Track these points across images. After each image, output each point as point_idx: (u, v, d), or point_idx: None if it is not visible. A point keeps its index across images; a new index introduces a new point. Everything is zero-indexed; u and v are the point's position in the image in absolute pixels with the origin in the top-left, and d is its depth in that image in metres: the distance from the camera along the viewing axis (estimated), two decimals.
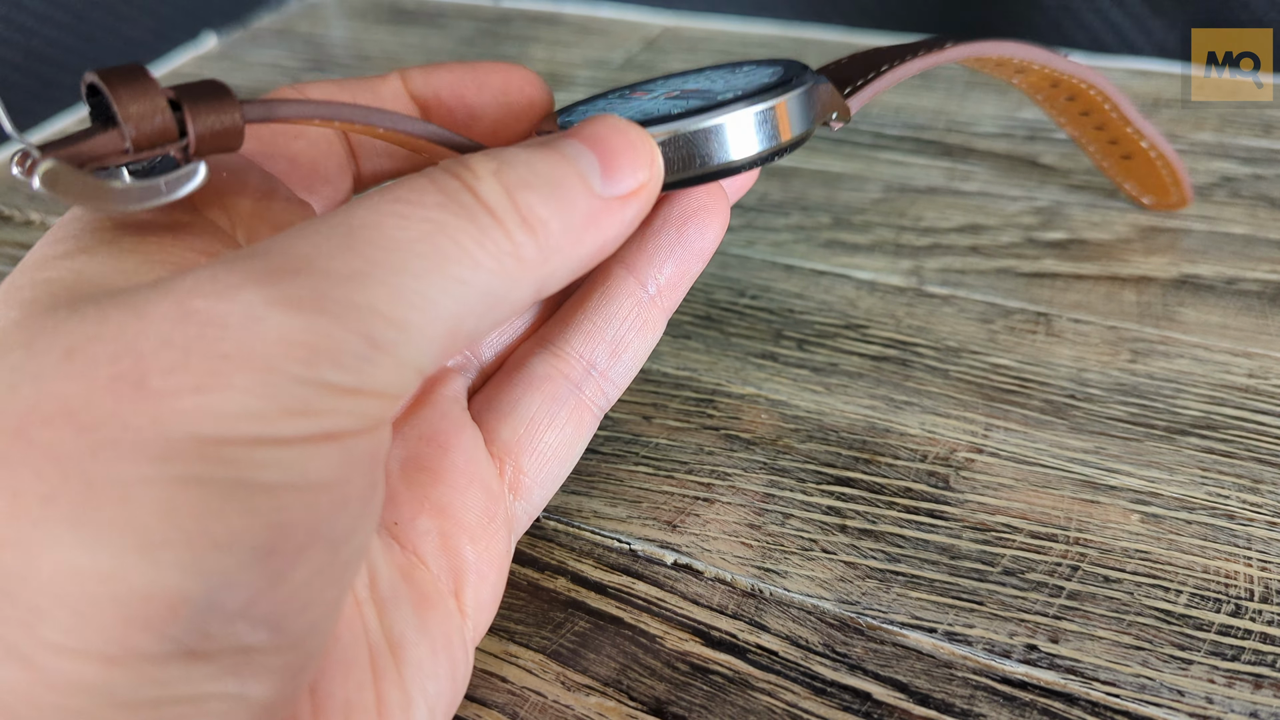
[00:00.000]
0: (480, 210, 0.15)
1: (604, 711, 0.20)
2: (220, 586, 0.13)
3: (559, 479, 0.21)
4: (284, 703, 0.14)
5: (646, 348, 0.22)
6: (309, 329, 0.13)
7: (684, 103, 0.20)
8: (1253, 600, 0.21)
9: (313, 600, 0.14)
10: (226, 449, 0.13)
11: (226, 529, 0.13)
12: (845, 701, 0.19)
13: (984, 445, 0.25)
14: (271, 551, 0.13)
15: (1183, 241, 0.31)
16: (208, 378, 0.13)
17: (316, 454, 0.13)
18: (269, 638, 0.13)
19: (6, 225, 0.37)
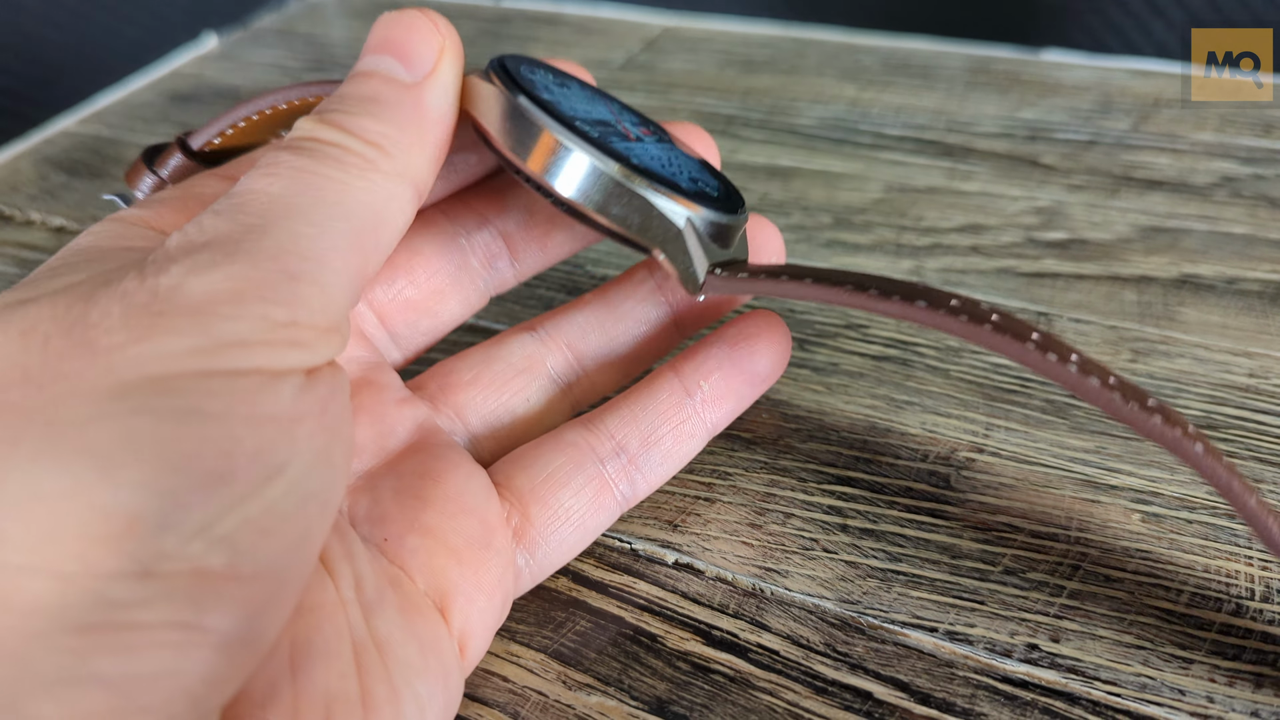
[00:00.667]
0: (327, 149, 0.17)
1: (605, 711, 0.20)
2: (175, 506, 0.13)
3: (571, 547, 0.21)
4: (245, 647, 0.14)
5: (681, 452, 0.22)
6: (230, 276, 0.15)
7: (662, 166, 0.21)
8: (1254, 599, 0.21)
9: (272, 530, 0.14)
10: (176, 382, 0.14)
11: (180, 452, 0.14)
12: (846, 701, 0.19)
13: (985, 445, 0.25)
14: (223, 476, 0.14)
15: (1183, 241, 0.31)
16: (148, 331, 0.14)
17: (264, 386, 0.15)
18: (227, 561, 0.14)
19: (7, 225, 0.37)
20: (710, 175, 0.22)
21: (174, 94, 0.46)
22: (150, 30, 0.50)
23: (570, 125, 0.19)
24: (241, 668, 0.14)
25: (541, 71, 0.22)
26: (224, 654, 0.14)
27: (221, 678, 0.14)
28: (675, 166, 0.21)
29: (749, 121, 0.40)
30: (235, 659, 0.14)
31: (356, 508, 0.20)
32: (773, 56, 0.45)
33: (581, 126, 0.20)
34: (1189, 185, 0.34)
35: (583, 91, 0.22)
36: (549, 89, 0.21)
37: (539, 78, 0.21)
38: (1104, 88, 0.40)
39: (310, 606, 0.17)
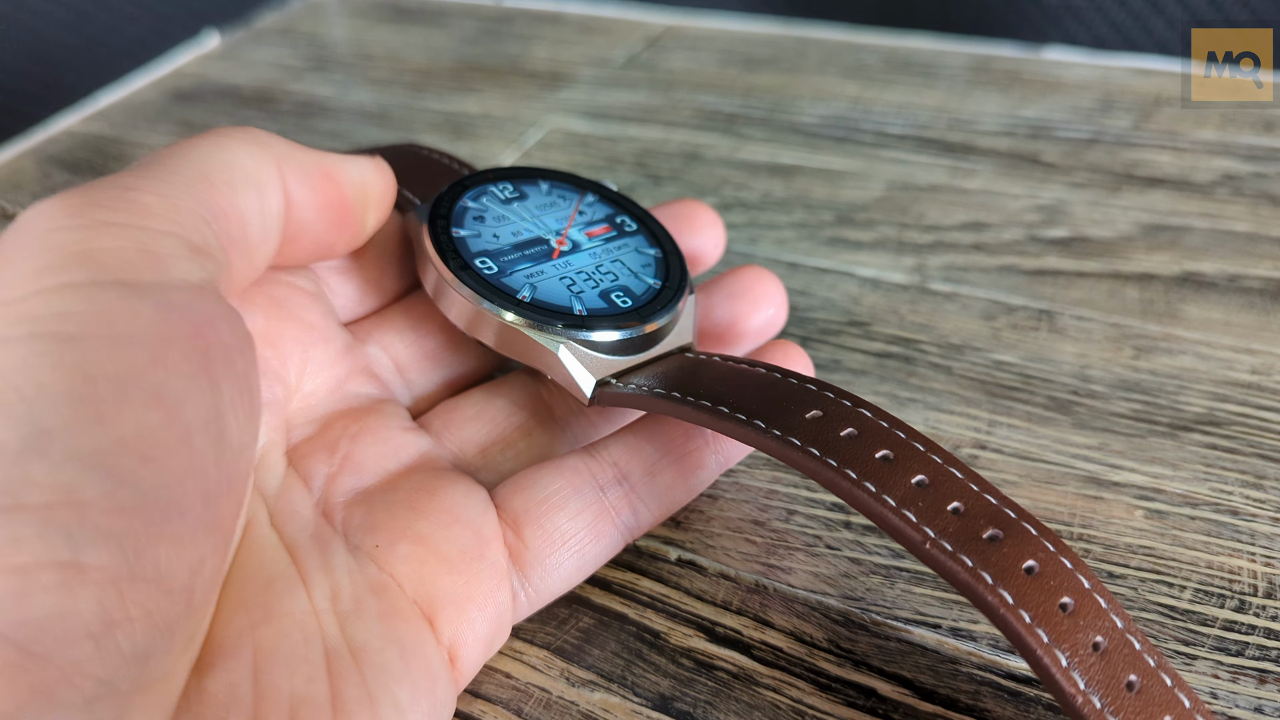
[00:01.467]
0: (201, 135, 0.19)
1: (608, 707, 0.20)
2: (35, 433, 0.13)
3: (569, 575, 0.21)
4: (138, 583, 0.13)
5: (689, 484, 0.22)
6: (68, 198, 0.16)
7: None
8: (1257, 596, 0.21)
9: (154, 457, 0.14)
10: (23, 304, 0.14)
11: (30, 380, 0.13)
12: (850, 697, 0.19)
13: (988, 441, 0.25)
14: (83, 398, 0.13)
15: (1185, 239, 0.31)
16: (2, 261, 0.15)
17: (118, 303, 0.14)
18: (104, 491, 0.13)
19: (8, 223, 0.37)
20: (652, 276, 0.24)
21: (176, 92, 0.46)
22: (152, 28, 0.50)
23: (464, 266, 0.22)
24: (142, 606, 0.13)
25: (499, 187, 0.25)
26: (114, 591, 0.13)
27: (120, 617, 0.13)
28: (593, 279, 0.23)
29: (751, 120, 0.40)
30: (132, 596, 0.13)
31: (351, 518, 0.20)
32: (774, 55, 0.45)
33: (482, 264, 0.22)
34: (1190, 183, 0.34)
35: (545, 198, 0.25)
36: (483, 215, 0.24)
37: (481, 202, 0.24)
38: (1105, 86, 0.40)
39: (278, 614, 0.17)
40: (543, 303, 0.22)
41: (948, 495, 0.17)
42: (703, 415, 0.19)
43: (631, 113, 0.41)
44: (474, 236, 0.23)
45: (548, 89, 0.44)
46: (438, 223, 0.23)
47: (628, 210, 0.25)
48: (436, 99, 0.44)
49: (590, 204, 0.25)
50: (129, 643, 0.13)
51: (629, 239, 0.24)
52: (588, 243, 0.24)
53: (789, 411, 0.19)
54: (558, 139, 0.39)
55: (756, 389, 0.20)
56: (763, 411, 0.19)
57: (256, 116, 0.43)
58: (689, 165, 0.37)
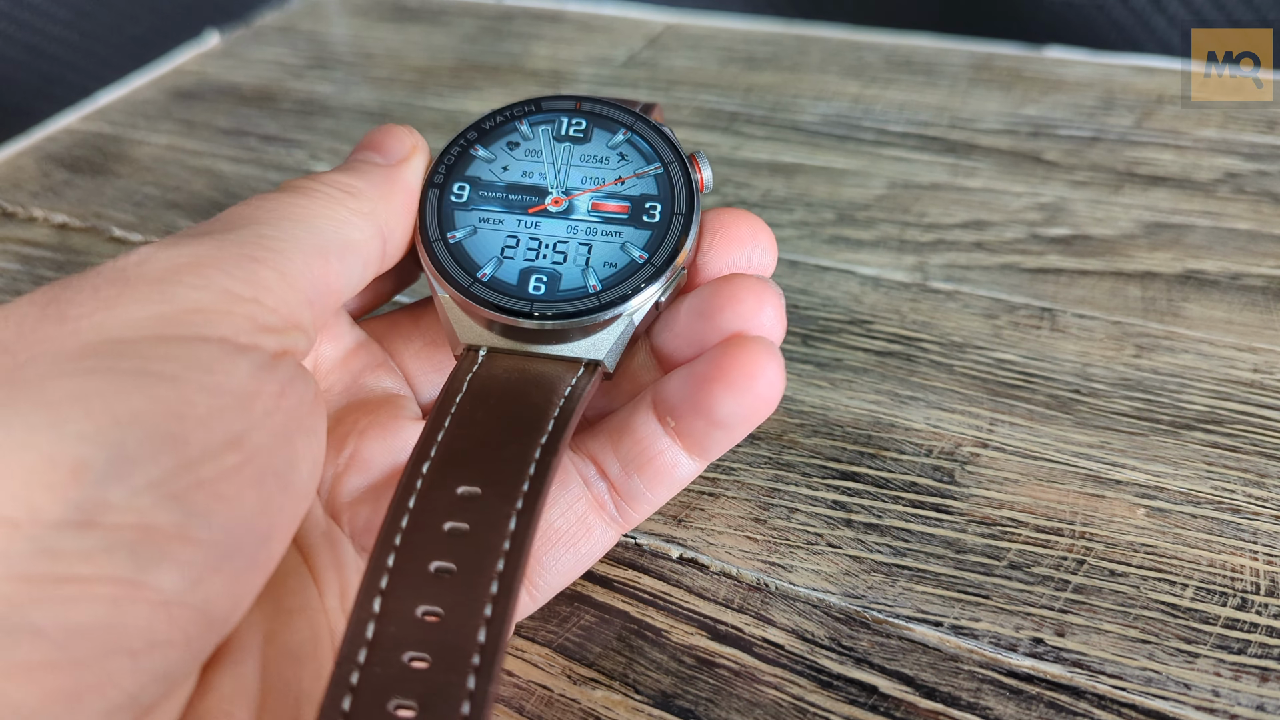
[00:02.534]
0: (301, 186, 0.20)
1: (610, 705, 0.20)
2: (121, 458, 0.14)
3: (567, 570, 0.20)
4: (189, 610, 0.14)
5: (665, 481, 0.20)
6: (194, 252, 0.16)
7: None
8: (1259, 594, 0.21)
9: (227, 497, 0.15)
10: (133, 345, 0.15)
11: (128, 408, 0.14)
12: (851, 695, 0.19)
13: (989, 440, 0.25)
14: (174, 436, 0.14)
15: (1187, 237, 0.31)
16: (114, 300, 0.15)
17: (220, 356, 0.15)
18: (176, 521, 0.14)
19: (10, 222, 0.37)
20: (601, 279, 0.21)
21: (176, 91, 0.46)
22: (153, 27, 0.50)
23: (437, 184, 0.22)
24: (185, 631, 0.14)
25: (572, 120, 0.23)
26: (165, 614, 0.14)
27: (163, 639, 0.14)
28: (540, 253, 0.22)
29: (751, 118, 0.40)
30: (178, 621, 0.14)
31: (356, 519, 0.20)
32: (775, 53, 0.45)
33: (459, 189, 0.22)
34: (1192, 181, 0.34)
35: (604, 149, 0.23)
36: (518, 142, 0.23)
37: (532, 130, 0.23)
38: (1107, 84, 0.40)
39: (290, 609, 0.17)
40: (462, 253, 0.22)
41: None
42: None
43: None
44: (486, 161, 0.23)
45: (549, 87, 0.44)
46: (469, 134, 0.23)
47: (674, 201, 0.22)
48: (437, 98, 0.44)
49: (645, 177, 0.22)
50: (164, 664, 0.14)
51: (630, 229, 0.22)
52: (583, 213, 0.22)
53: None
54: None
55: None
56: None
57: (256, 115, 0.43)
58: None
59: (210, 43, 0.50)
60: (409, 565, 0.16)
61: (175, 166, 0.40)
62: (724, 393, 0.19)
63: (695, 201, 0.22)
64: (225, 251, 0.17)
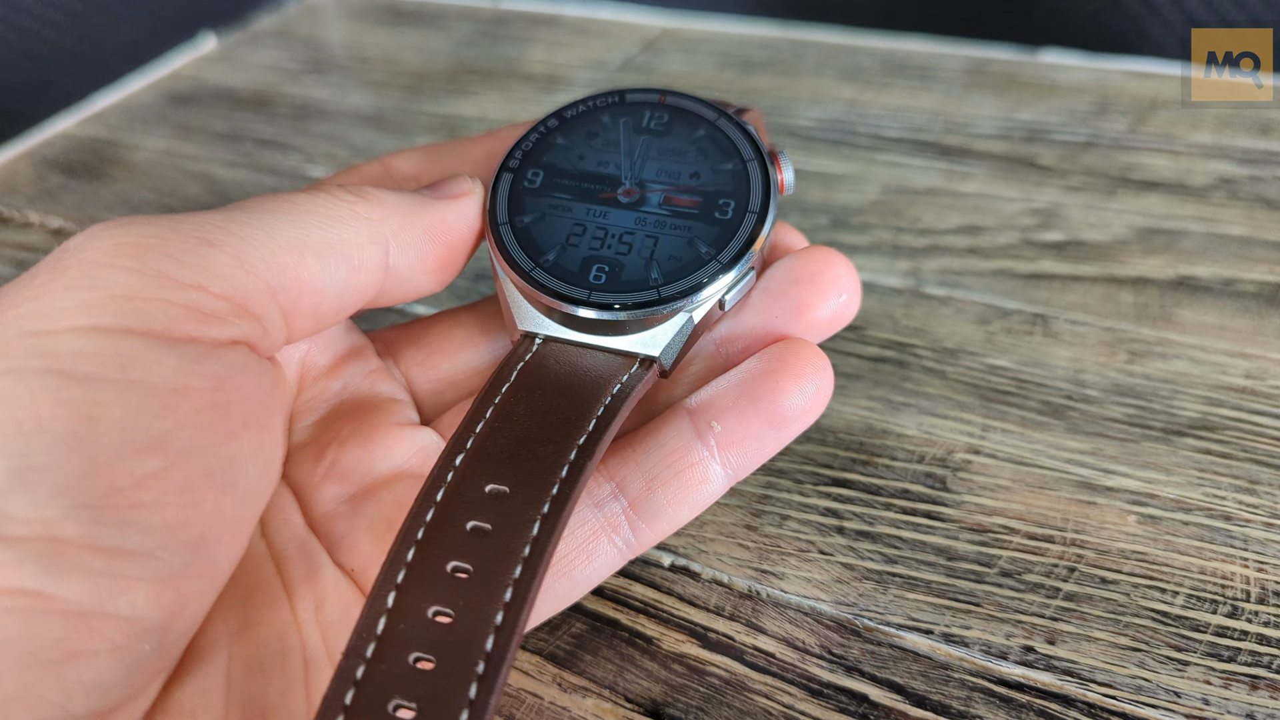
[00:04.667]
0: (313, 191, 0.19)
1: (600, 713, 0.20)
2: (24, 468, 0.13)
3: (559, 597, 0.20)
4: (110, 621, 0.13)
5: (691, 498, 0.20)
6: (140, 233, 0.15)
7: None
8: (1249, 601, 0.21)
9: (147, 503, 0.14)
10: (49, 339, 0.14)
11: (32, 414, 0.13)
12: (842, 703, 0.19)
13: (981, 446, 0.25)
14: (80, 440, 0.13)
15: (1180, 243, 0.31)
16: (44, 287, 0.14)
17: (140, 350, 0.14)
18: (85, 530, 0.13)
19: (6, 226, 0.37)
20: (660, 273, 0.21)
21: (172, 95, 0.46)
22: (148, 31, 0.50)
23: (510, 168, 0.22)
24: (111, 640, 0.13)
25: (654, 114, 0.23)
26: (82, 624, 0.13)
27: (84, 648, 0.13)
28: (605, 243, 0.21)
29: None
30: (100, 631, 0.13)
31: (332, 532, 0.19)
32: (771, 57, 0.45)
33: (532, 174, 0.22)
34: (1186, 186, 0.34)
35: (682, 143, 0.23)
36: (599, 132, 0.23)
37: (613, 120, 0.23)
38: (1101, 89, 0.40)
39: (258, 622, 0.17)
40: (529, 234, 0.21)
41: None
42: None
43: None
44: (564, 148, 0.23)
45: (544, 91, 0.44)
46: (549, 121, 0.23)
47: (749, 199, 0.22)
48: (433, 101, 0.44)
49: (721, 171, 0.22)
50: (91, 674, 0.13)
51: (699, 225, 0.21)
52: (654, 206, 0.22)
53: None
54: None
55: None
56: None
57: (253, 119, 0.43)
58: None
59: (206, 47, 0.50)
60: (427, 562, 0.16)
61: (171, 171, 0.40)
62: (791, 383, 0.19)
63: (771, 200, 0.21)
64: (176, 233, 0.16)
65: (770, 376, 0.19)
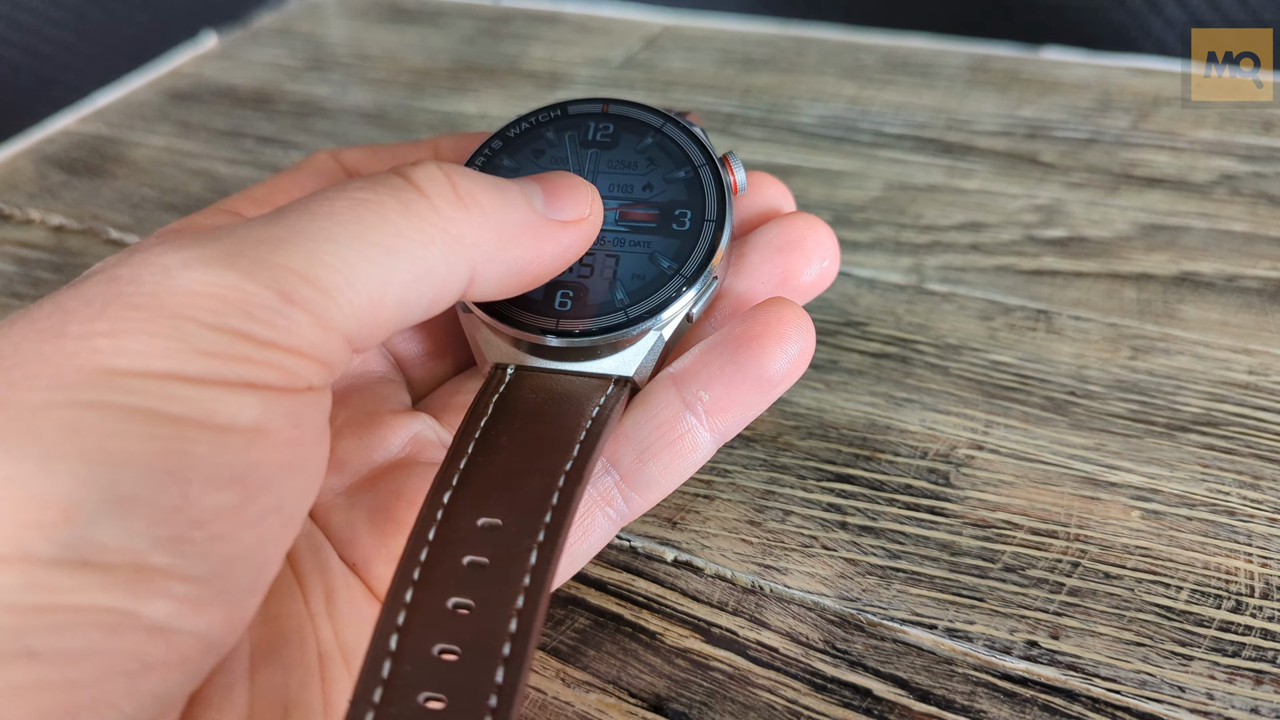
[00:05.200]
0: (407, 188, 0.17)
1: (604, 708, 0.20)
2: (114, 500, 0.13)
3: (561, 572, 0.20)
4: (185, 637, 0.14)
5: (680, 468, 0.20)
6: (218, 283, 0.14)
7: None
8: (1253, 596, 0.21)
9: (224, 537, 0.14)
10: (134, 380, 0.14)
11: (123, 448, 0.13)
12: (846, 698, 0.19)
13: (984, 442, 0.25)
14: (171, 475, 0.14)
15: (1182, 239, 0.31)
16: (120, 324, 0.14)
17: (228, 396, 0.14)
18: (172, 561, 0.13)
19: (7, 224, 0.37)
20: (626, 292, 0.21)
21: (173, 93, 0.46)
22: (150, 29, 0.50)
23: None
24: (181, 654, 0.14)
25: (599, 126, 0.22)
26: (161, 640, 0.13)
27: (159, 661, 0.13)
28: (585, 269, 0.21)
29: (748, 120, 0.40)
30: (175, 646, 0.14)
31: (331, 525, 0.19)
32: (772, 55, 0.45)
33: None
34: (1188, 183, 0.34)
35: (631, 154, 0.22)
36: (545, 150, 0.22)
37: (558, 136, 0.22)
38: (1103, 86, 0.40)
39: (275, 615, 0.17)
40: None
41: None
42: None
43: None
44: (512, 170, 0.21)
45: (546, 89, 0.44)
46: (493, 143, 0.22)
47: (705, 207, 0.21)
48: (434, 99, 0.44)
49: (674, 180, 0.22)
50: (162, 685, 0.14)
51: (659, 240, 0.21)
52: (609, 224, 0.21)
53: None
54: None
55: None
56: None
57: (254, 117, 0.43)
58: None
59: (207, 44, 0.50)
60: (427, 602, 0.16)
61: (172, 168, 0.40)
62: (776, 346, 0.19)
63: (727, 207, 0.21)
64: (256, 283, 0.15)
65: (755, 341, 0.19)
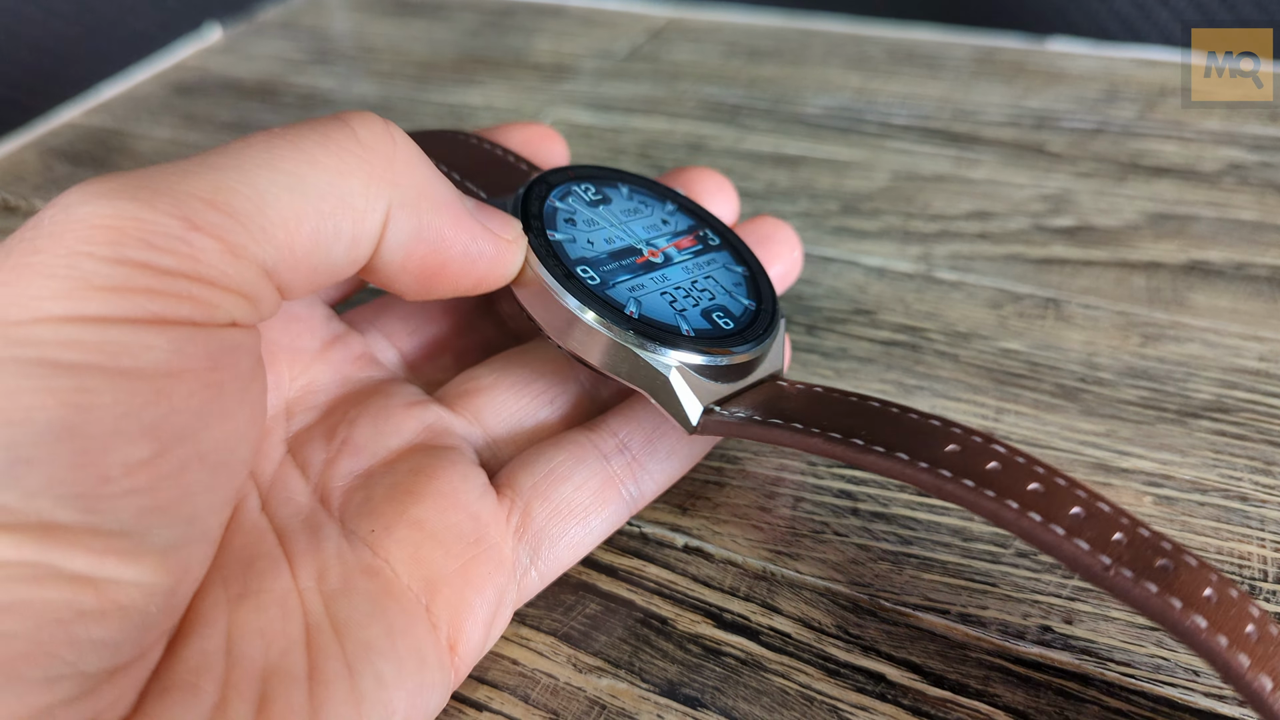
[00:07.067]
0: (334, 124, 0.16)
1: (616, 694, 0.19)
2: (13, 461, 0.13)
3: (577, 545, 0.21)
4: (114, 585, 0.13)
5: (686, 453, 0.22)
6: (116, 214, 0.14)
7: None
8: (1266, 581, 0.21)
9: (140, 490, 0.14)
10: (30, 328, 0.13)
11: (19, 405, 0.13)
12: (859, 683, 0.19)
13: (995, 429, 0.25)
14: (72, 430, 0.13)
15: (1191, 228, 0.31)
16: (17, 271, 0.13)
17: (132, 335, 0.13)
18: (81, 518, 0.13)
19: (13, 215, 0.37)
20: (746, 296, 0.22)
21: (178, 85, 0.46)
22: (154, 21, 0.50)
23: (568, 275, 0.20)
24: (117, 602, 0.13)
25: (582, 188, 0.23)
26: (90, 589, 0.13)
27: (93, 608, 0.13)
28: (692, 297, 0.22)
29: (755, 111, 0.40)
30: (107, 594, 0.13)
31: (349, 503, 0.19)
32: (778, 46, 0.45)
33: (584, 272, 0.21)
34: (1196, 172, 0.34)
35: (627, 203, 0.23)
36: (573, 217, 0.22)
37: (568, 203, 0.22)
38: (1110, 76, 0.40)
39: (256, 590, 0.17)
40: (651, 320, 0.20)
41: (1107, 527, 0.17)
42: (837, 448, 0.19)
43: (635, 104, 0.41)
44: (569, 241, 0.21)
45: (551, 81, 0.44)
46: (530, 222, 0.21)
47: (708, 223, 0.24)
48: (439, 91, 0.43)
49: (671, 213, 0.24)
50: (101, 632, 0.13)
51: (715, 254, 0.23)
52: (678, 255, 0.23)
53: (927, 444, 0.18)
54: (561, 131, 0.39)
55: (878, 419, 0.19)
56: (900, 444, 0.18)
57: (258, 109, 0.43)
58: (693, 156, 0.37)
59: (212, 37, 0.50)
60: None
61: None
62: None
63: (711, 215, 0.24)
64: (155, 210, 0.14)
65: None
